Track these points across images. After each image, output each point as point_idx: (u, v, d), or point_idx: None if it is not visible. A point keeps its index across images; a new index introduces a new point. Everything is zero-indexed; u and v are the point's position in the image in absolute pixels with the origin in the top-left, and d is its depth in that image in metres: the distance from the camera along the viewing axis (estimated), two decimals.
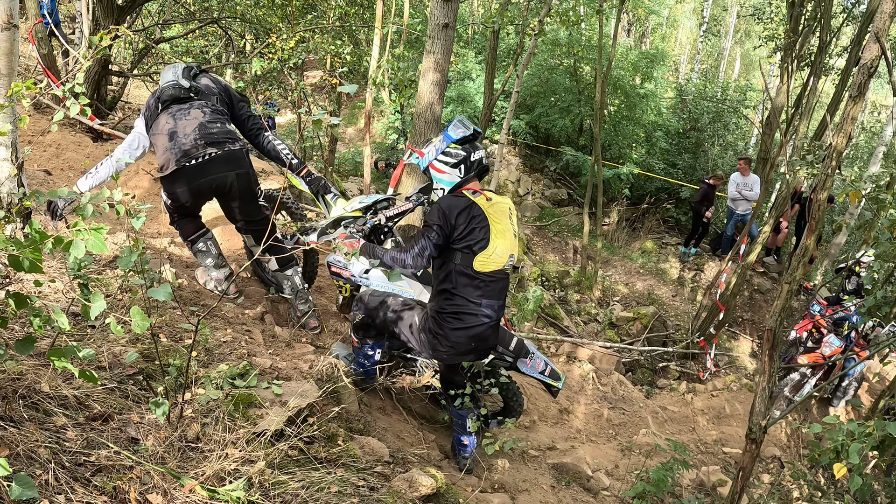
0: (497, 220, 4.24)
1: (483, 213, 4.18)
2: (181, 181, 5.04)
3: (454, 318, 4.30)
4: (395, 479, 3.59)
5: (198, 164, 4.98)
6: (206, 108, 5.19)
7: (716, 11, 36.05)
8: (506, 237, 4.29)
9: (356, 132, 22.91)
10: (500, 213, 4.28)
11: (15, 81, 4.22)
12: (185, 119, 5.05)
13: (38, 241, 2.26)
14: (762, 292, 14.61)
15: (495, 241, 4.22)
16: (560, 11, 11.98)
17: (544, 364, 5.30)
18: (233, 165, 5.13)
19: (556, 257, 16.11)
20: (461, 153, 4.31)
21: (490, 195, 4.30)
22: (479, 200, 4.20)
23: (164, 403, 2.76)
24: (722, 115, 21.05)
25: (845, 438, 3.74)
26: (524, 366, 5.23)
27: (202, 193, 5.19)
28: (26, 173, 4.67)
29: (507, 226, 4.32)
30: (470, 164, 4.32)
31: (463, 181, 4.33)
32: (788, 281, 4.54)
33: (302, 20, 12.00)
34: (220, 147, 5.06)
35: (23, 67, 10.98)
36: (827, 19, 11.30)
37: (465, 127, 4.33)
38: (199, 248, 5.50)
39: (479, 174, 4.41)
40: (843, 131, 4.23)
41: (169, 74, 5.22)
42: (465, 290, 4.26)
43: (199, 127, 5.03)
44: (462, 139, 4.31)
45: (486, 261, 4.22)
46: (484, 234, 4.19)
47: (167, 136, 5.00)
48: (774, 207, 11.38)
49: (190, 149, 4.96)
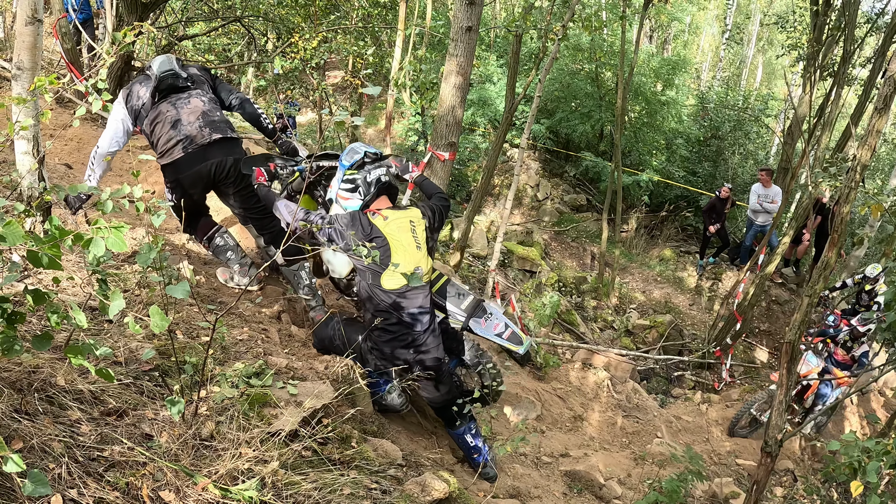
0: (395, 237, 4.45)
1: (381, 233, 4.41)
2: (184, 166, 5.13)
3: (382, 332, 4.48)
4: (408, 483, 3.58)
5: (201, 148, 5.11)
6: (204, 96, 5.34)
7: (739, 19, 35.91)
8: (407, 251, 4.48)
9: (376, 133, 22.92)
10: (398, 230, 4.49)
11: (38, 76, 4.26)
12: (187, 107, 5.18)
13: (58, 237, 2.27)
14: (780, 303, 14.52)
15: (396, 258, 4.42)
16: (583, 17, 11.96)
17: (504, 326, 5.08)
18: (231, 151, 5.25)
19: (573, 263, 16.07)
20: (357, 177, 4.57)
21: (387, 213, 4.51)
22: (376, 221, 4.45)
23: (180, 401, 2.76)
24: (743, 123, 20.91)
25: (862, 455, 3.71)
26: (478, 326, 5.06)
27: (202, 178, 5.23)
28: (47, 167, 4.70)
29: (408, 240, 4.51)
30: (367, 185, 4.57)
31: (366, 202, 4.59)
32: (809, 294, 4.50)
33: (325, 20, 12.03)
34: (222, 132, 5.20)
35: (46, 62, 11.04)
36: (851, 29, 11.21)
37: (357, 152, 4.63)
38: (216, 243, 5.54)
39: (383, 192, 4.67)
40: (868, 144, 4.20)
41: (165, 64, 5.23)
42: (384, 305, 4.43)
43: (202, 115, 5.19)
44: (355, 164, 4.58)
45: (391, 277, 4.39)
46: (385, 252, 4.39)
47: (170, 124, 5.11)
48: (795, 218, 11.30)
49: (195, 134, 5.10)
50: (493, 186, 18.58)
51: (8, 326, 2.26)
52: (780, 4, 34.10)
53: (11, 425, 2.48)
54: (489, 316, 5.10)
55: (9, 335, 2.25)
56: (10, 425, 2.48)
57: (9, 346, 2.25)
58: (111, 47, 4.94)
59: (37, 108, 4.41)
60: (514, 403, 7.53)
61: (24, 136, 4.41)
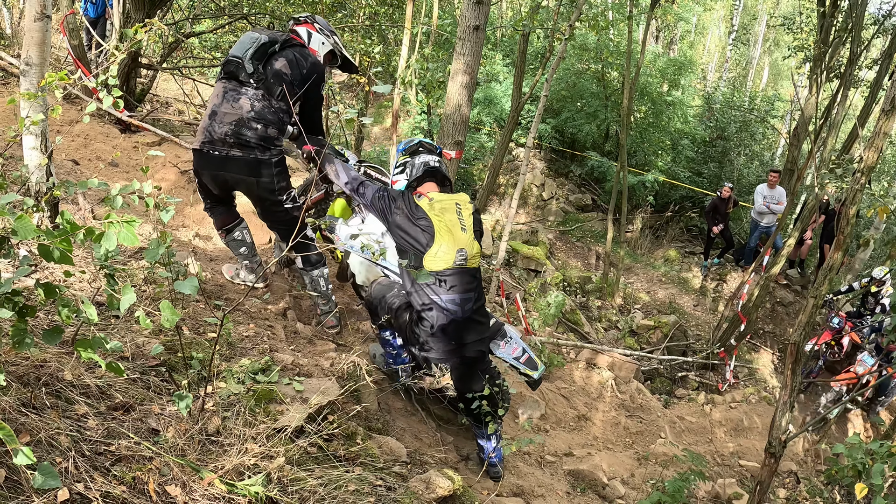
0: (440, 218, 4.43)
1: (426, 215, 4.41)
2: (202, 163, 4.95)
3: (420, 316, 4.49)
4: (413, 480, 3.59)
5: (219, 158, 4.84)
6: (258, 101, 4.83)
7: (745, 20, 35.85)
8: (452, 234, 4.43)
9: (382, 131, 22.94)
10: (444, 210, 4.48)
11: (46, 72, 4.27)
12: (232, 105, 4.81)
13: (70, 232, 2.28)
14: (784, 305, 14.50)
15: (440, 239, 4.39)
16: (590, 16, 11.95)
17: (521, 350, 5.13)
18: (253, 173, 4.91)
19: (578, 263, 16.06)
20: (407, 160, 4.74)
21: (433, 195, 4.53)
22: (421, 203, 4.47)
23: (188, 397, 2.77)
24: (749, 124, 20.88)
25: (866, 457, 3.71)
26: (498, 349, 5.09)
27: (222, 183, 5.03)
28: (54, 163, 4.70)
29: (453, 221, 4.47)
30: (414, 167, 4.69)
31: (411, 182, 4.68)
32: (814, 295, 4.51)
33: (331, 18, 12.03)
34: (246, 152, 4.83)
35: (53, 58, 11.07)
36: (858, 31, 11.18)
37: (413, 139, 4.89)
38: (234, 237, 5.39)
39: (430, 176, 4.73)
40: (875, 146, 4.19)
41: (241, 48, 4.87)
42: (423, 287, 4.43)
43: (238, 122, 4.78)
44: (409, 149, 4.78)
45: (433, 259, 4.38)
46: (429, 233, 4.39)
47: (210, 111, 4.86)
48: (800, 220, 11.29)
49: (217, 140, 4.79)
50: (499, 185, 18.58)
51: (19, 320, 2.27)
52: (786, 5, 34.03)
53: (19, 419, 2.49)
54: (509, 339, 5.15)
55: (20, 329, 2.27)
56: (18, 419, 2.49)
57: (20, 339, 2.26)
58: (120, 44, 4.93)
59: (46, 103, 4.43)
60: (519, 402, 7.54)
61: (33, 132, 4.44)
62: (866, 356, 10.14)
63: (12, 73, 9.56)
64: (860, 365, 10.03)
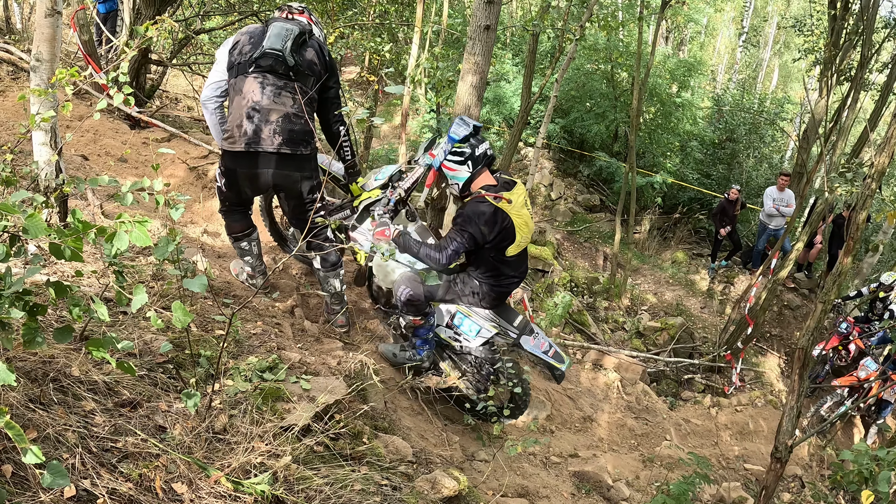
0: (518, 216, 4.85)
1: (509, 218, 4.79)
2: (244, 163, 4.75)
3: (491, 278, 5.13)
4: (418, 480, 3.59)
5: (266, 155, 4.69)
6: (298, 95, 4.76)
7: (755, 22, 35.73)
8: (528, 225, 4.97)
9: (391, 129, 22.94)
10: (519, 207, 4.88)
11: (57, 68, 4.29)
12: (275, 101, 4.68)
13: (81, 230, 2.28)
14: (792, 308, 14.47)
15: (520, 234, 4.90)
16: (600, 17, 11.93)
17: (549, 345, 5.46)
18: (299, 169, 4.83)
19: (585, 263, 16.03)
20: (466, 150, 4.87)
21: (508, 196, 4.79)
22: (502, 206, 4.77)
23: (196, 394, 2.77)
24: (758, 126, 20.84)
25: (872, 464, 3.70)
26: (527, 343, 5.40)
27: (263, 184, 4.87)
28: (63, 158, 4.71)
29: (526, 216, 4.94)
30: (476, 158, 4.88)
31: (473, 174, 4.91)
32: (822, 300, 4.49)
33: (342, 16, 12.04)
34: (294, 147, 4.73)
35: (63, 53, 11.10)
36: (869, 34, 11.16)
37: (466, 125, 4.88)
38: (241, 245, 5.29)
39: (487, 164, 4.98)
40: (886, 151, 4.18)
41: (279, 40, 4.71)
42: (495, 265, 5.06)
43: (284, 118, 4.69)
44: (465, 137, 4.83)
45: (514, 249, 4.94)
46: (512, 234, 4.85)
47: (248, 109, 4.64)
48: (809, 223, 11.26)
49: (265, 138, 4.64)
50: None
51: (30, 319, 2.28)
52: (797, 7, 33.92)
53: (26, 415, 2.50)
54: (536, 335, 5.45)
55: (31, 327, 2.27)
56: (25, 415, 2.50)
57: (30, 337, 2.27)
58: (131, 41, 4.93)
59: (56, 99, 4.45)
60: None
61: (43, 128, 4.45)
62: (869, 361, 10.14)
63: (23, 68, 9.59)
64: (863, 370, 10.08)
